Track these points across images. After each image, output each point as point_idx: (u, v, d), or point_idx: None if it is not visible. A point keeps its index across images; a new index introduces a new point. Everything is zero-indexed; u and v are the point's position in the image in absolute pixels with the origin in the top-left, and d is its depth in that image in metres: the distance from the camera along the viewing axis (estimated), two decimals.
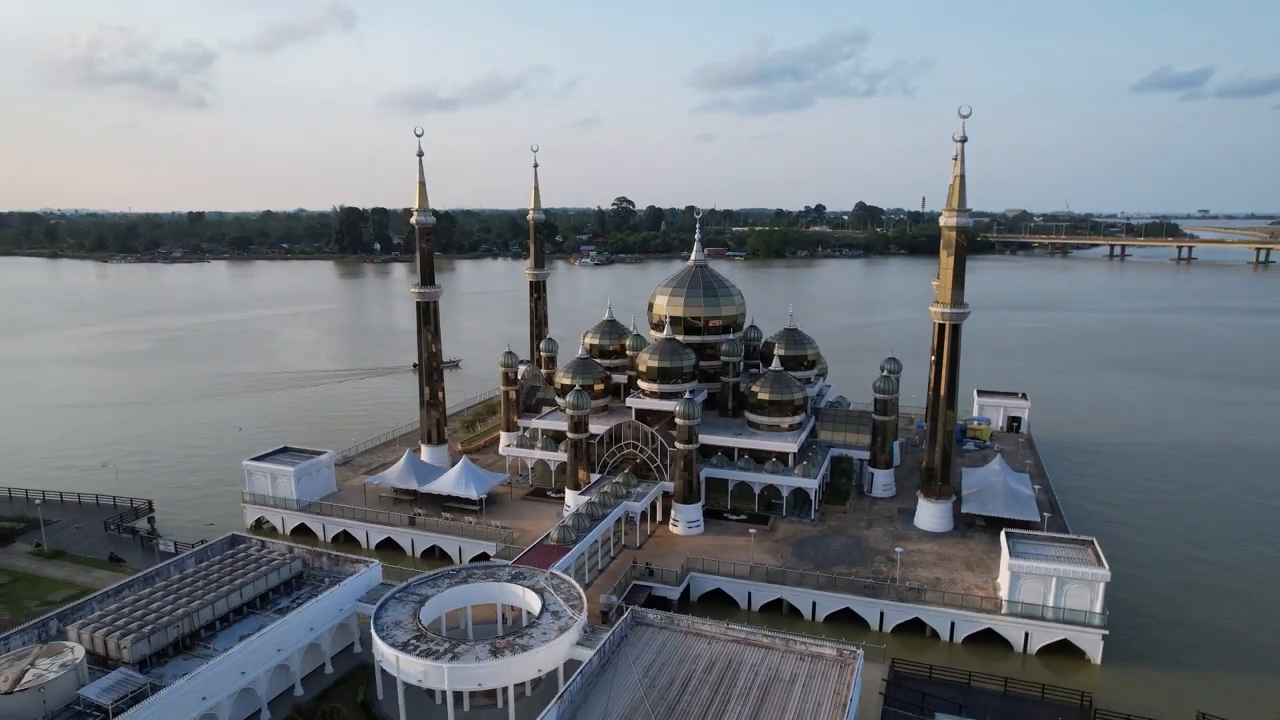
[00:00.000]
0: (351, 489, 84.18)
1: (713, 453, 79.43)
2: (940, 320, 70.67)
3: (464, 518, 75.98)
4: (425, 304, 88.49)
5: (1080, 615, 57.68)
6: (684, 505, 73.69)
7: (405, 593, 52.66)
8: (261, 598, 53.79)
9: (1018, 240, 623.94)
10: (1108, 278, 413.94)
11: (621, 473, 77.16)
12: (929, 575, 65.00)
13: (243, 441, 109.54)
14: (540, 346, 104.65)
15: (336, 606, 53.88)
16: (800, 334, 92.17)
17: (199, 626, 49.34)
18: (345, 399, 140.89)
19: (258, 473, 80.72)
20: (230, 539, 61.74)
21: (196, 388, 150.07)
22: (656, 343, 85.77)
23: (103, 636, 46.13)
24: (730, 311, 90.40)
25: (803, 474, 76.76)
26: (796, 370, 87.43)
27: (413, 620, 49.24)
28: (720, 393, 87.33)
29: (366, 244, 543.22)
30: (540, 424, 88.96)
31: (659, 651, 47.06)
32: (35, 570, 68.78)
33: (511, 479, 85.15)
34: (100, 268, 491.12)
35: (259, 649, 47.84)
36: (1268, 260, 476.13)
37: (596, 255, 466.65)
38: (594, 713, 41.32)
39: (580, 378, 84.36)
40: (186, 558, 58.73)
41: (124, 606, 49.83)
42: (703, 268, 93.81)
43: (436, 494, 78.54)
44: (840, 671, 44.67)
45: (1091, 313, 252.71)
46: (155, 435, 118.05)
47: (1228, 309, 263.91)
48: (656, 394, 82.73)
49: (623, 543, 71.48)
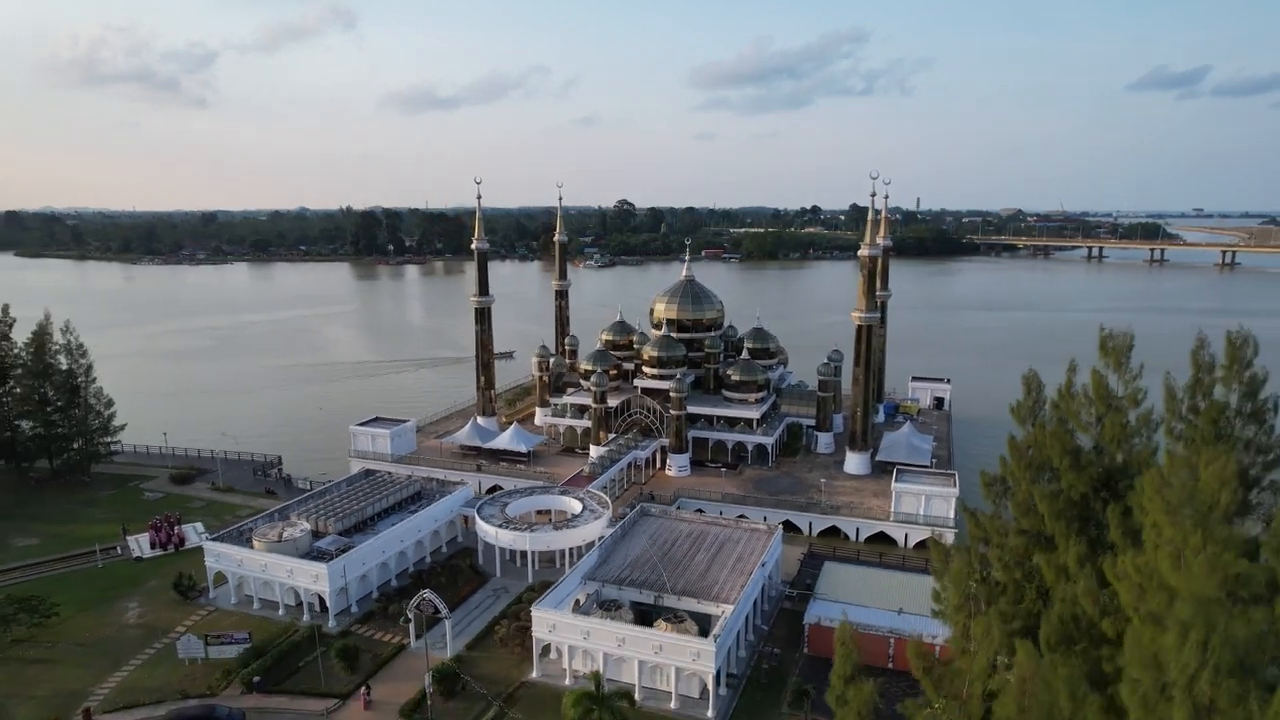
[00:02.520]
0: (427, 448, 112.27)
1: (698, 419, 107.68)
2: (858, 323, 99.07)
3: (516, 466, 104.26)
4: (481, 309, 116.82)
5: (940, 520, 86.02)
6: (676, 455, 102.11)
7: (494, 500, 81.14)
8: (398, 504, 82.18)
9: (1002, 242, 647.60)
10: (1079, 280, 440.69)
11: (630, 433, 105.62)
12: (846, 500, 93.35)
13: (324, 418, 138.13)
14: (565, 342, 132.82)
15: (447, 509, 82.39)
16: (765, 332, 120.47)
17: (367, 516, 77.83)
18: (394, 386, 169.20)
19: (361, 435, 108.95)
20: (365, 472, 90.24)
21: (267, 378, 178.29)
22: (656, 338, 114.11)
23: (315, 519, 74.57)
24: (712, 315, 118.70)
25: (763, 434, 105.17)
26: (762, 359, 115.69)
27: (501, 514, 77.68)
28: (704, 375, 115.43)
29: (380, 246, 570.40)
30: (568, 400, 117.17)
31: (657, 528, 75.46)
32: (218, 499, 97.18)
33: (548, 440, 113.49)
34: (126, 269, 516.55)
35: (406, 528, 76.38)
36: (1233, 263, 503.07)
37: (600, 258, 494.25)
38: (618, 555, 69.71)
39: (599, 365, 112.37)
40: (338, 483, 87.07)
41: (320, 505, 78.29)
42: (692, 280, 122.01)
43: (494, 449, 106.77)
44: (766, 536, 73.14)
45: (1045, 313, 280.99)
46: (253, 415, 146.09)
47: (1162, 309, 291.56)
48: (656, 376, 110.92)
49: (632, 480, 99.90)
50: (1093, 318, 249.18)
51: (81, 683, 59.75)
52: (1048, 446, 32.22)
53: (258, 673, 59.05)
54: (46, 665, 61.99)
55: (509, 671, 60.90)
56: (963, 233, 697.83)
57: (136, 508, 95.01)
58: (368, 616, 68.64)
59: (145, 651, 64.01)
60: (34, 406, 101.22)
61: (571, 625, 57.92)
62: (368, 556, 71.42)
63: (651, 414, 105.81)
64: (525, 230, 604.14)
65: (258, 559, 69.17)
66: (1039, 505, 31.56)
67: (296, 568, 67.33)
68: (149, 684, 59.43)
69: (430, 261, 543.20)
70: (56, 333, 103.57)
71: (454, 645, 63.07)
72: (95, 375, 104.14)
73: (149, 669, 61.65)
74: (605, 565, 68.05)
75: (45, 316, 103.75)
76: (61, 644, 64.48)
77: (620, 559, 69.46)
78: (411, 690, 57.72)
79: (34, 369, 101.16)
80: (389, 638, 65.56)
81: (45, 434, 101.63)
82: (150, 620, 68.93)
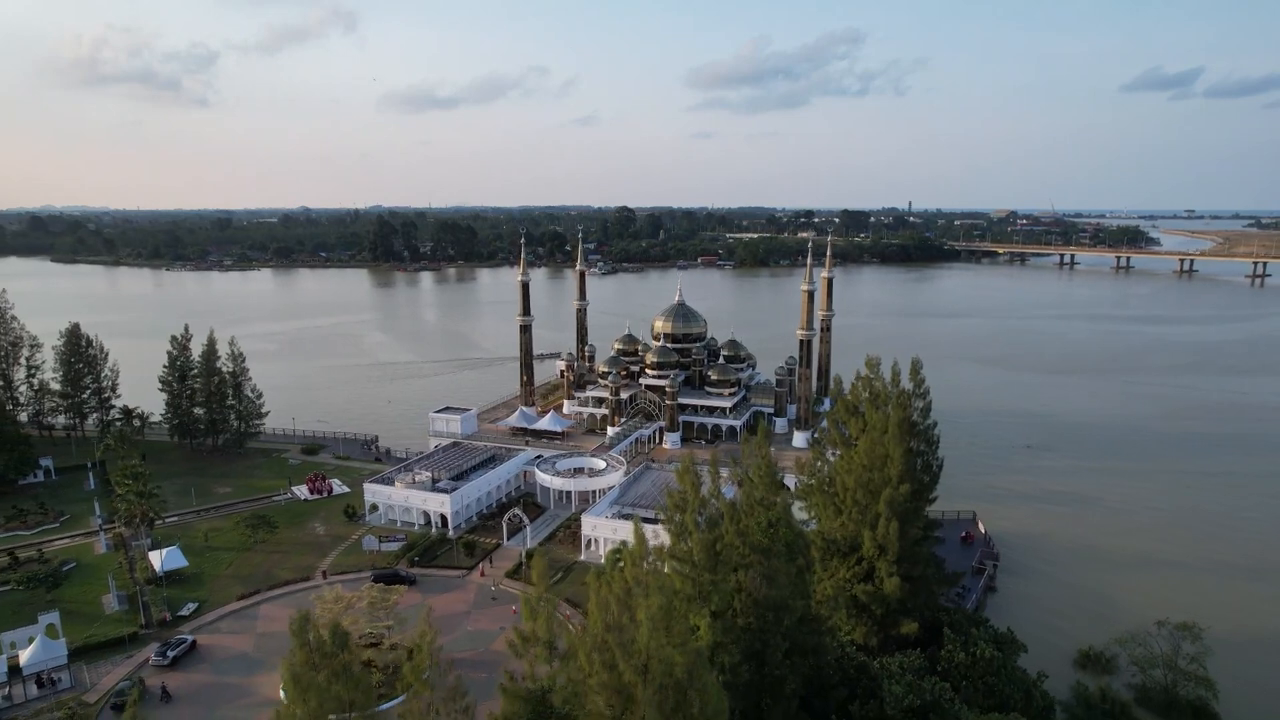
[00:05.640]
0: (485, 430, 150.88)
1: (686, 407, 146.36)
2: (800, 338, 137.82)
3: (553, 441, 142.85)
4: (524, 326, 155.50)
5: None
6: (670, 433, 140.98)
7: (548, 460, 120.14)
8: (481, 464, 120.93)
9: (983, 248, 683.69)
10: (1044, 287, 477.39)
11: (637, 417, 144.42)
12: (787, 465, 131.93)
13: (393, 409, 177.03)
14: (584, 349, 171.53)
15: (518, 464, 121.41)
16: (737, 342, 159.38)
17: (463, 470, 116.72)
18: (440, 384, 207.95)
19: (438, 419, 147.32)
20: (454, 443, 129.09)
21: (334, 376, 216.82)
22: (656, 348, 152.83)
23: (429, 471, 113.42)
24: (698, 329, 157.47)
25: (734, 418, 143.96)
26: (734, 363, 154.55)
27: (553, 469, 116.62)
28: (692, 375, 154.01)
29: (396, 253, 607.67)
30: (589, 394, 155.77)
31: (658, 476, 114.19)
32: (340, 465, 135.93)
33: (575, 424, 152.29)
34: (158, 275, 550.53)
35: (492, 475, 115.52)
36: (1191, 269, 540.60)
37: (603, 266, 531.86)
38: (630, 493, 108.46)
39: (613, 367, 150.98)
40: (437, 451, 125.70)
41: (430, 463, 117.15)
42: (682, 304, 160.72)
43: (537, 429, 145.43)
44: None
45: (989, 319, 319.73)
46: (337, 406, 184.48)
47: (1107, 316, 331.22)
48: (656, 376, 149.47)
49: (638, 451, 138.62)
50: (1024, 324, 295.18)
51: (308, 562, 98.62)
52: (855, 397, 71.14)
53: (416, 555, 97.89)
54: (283, 554, 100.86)
55: (565, 555, 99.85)
56: (953, 235, 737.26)
57: (284, 470, 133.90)
58: (472, 529, 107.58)
59: (339, 547, 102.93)
60: (205, 399, 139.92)
61: (606, 524, 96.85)
62: (469, 493, 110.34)
63: (653, 403, 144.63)
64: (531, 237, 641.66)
65: (400, 493, 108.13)
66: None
67: (429, 497, 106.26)
68: (349, 563, 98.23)
69: (444, 268, 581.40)
70: (223, 344, 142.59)
71: (531, 541, 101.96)
72: (251, 375, 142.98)
73: (345, 555, 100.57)
74: (622, 498, 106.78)
75: (211, 331, 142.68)
76: (286, 544, 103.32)
77: (632, 495, 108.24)
78: (507, 565, 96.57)
79: (205, 371, 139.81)
80: (488, 540, 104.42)
81: (213, 418, 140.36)
82: (333, 532, 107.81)
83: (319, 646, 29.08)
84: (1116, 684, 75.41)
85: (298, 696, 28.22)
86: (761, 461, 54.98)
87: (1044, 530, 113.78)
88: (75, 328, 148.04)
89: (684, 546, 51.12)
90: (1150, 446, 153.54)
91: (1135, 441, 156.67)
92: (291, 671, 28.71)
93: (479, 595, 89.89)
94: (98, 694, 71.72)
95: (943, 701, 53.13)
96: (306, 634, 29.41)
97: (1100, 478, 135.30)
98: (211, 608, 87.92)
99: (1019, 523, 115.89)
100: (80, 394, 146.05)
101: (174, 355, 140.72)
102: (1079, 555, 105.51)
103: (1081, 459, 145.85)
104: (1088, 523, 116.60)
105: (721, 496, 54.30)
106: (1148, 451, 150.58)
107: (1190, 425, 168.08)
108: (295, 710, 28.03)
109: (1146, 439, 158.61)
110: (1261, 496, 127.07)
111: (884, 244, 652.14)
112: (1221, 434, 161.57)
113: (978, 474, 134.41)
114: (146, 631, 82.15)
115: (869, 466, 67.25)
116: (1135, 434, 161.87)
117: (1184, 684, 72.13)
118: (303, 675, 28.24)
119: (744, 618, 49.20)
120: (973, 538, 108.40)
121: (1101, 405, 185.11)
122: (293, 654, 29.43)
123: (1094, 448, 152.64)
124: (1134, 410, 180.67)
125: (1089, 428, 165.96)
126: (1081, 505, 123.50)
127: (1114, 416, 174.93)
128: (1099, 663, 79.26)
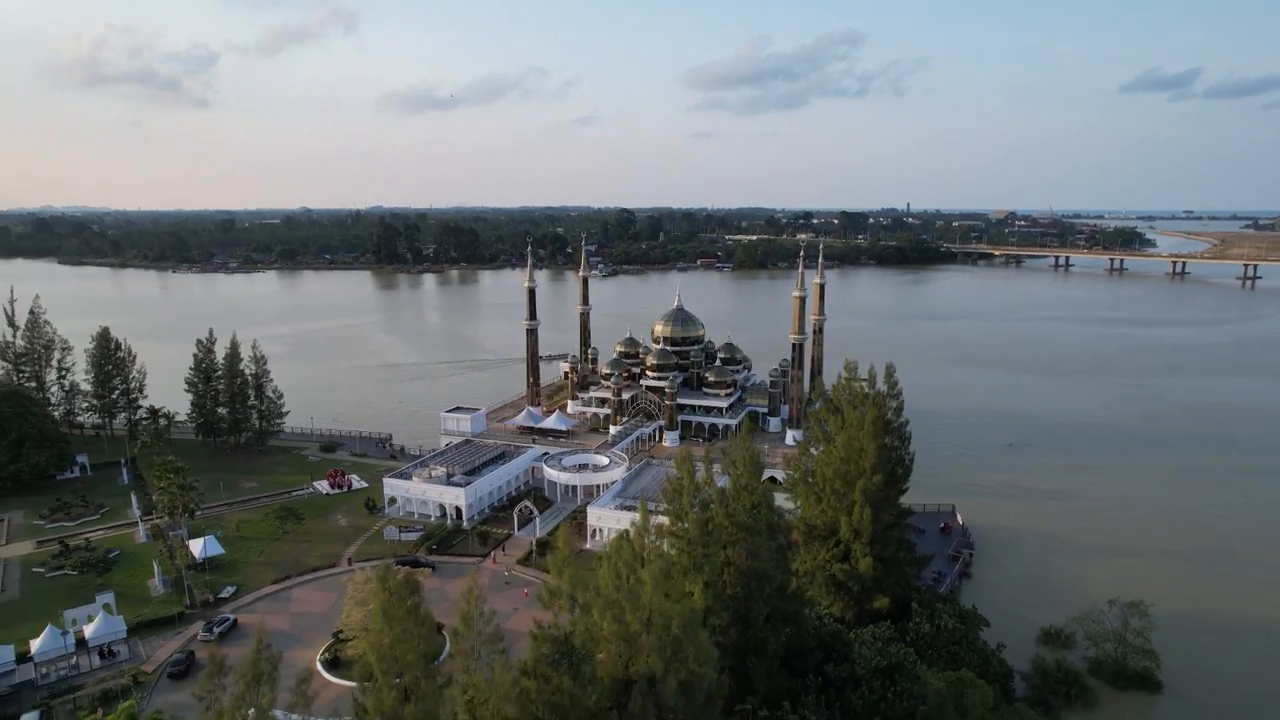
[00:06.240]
0: (494, 428, 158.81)
1: (685, 407, 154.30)
2: (793, 341, 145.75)
3: (558, 440, 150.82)
4: (531, 329, 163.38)
5: None
6: (669, 431, 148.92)
7: (555, 456, 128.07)
8: (492, 460, 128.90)
9: (979, 251, 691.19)
10: (1037, 289, 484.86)
11: (638, 416, 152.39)
12: (777, 460, 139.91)
13: (404, 409, 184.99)
14: (587, 352, 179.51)
15: (527, 460, 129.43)
16: (733, 345, 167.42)
17: (476, 466, 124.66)
18: (446, 384, 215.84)
19: (449, 418, 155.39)
20: (466, 440, 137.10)
21: (344, 377, 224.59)
22: (656, 350, 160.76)
23: (444, 466, 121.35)
24: (696, 333, 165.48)
25: (730, 417, 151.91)
26: (730, 365, 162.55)
27: (560, 465, 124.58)
28: (690, 376, 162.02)
29: (400, 255, 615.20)
30: (592, 394, 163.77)
31: (658, 471, 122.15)
32: (359, 461, 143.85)
33: (579, 423, 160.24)
34: (164, 278, 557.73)
35: (504, 470, 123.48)
36: (1183, 272, 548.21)
37: (604, 268, 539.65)
38: (632, 488, 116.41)
39: (616, 368, 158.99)
40: (450, 448, 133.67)
41: (444, 459, 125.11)
42: (681, 309, 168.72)
43: (543, 428, 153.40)
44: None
45: (977, 321, 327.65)
46: (349, 406, 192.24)
47: (1099, 319, 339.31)
48: (656, 377, 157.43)
49: (639, 448, 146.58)
50: (1017, 327, 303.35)
51: (334, 550, 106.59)
52: (837, 398, 79.13)
53: (434, 544, 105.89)
54: (310, 543, 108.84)
55: (572, 544, 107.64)
56: (951, 237, 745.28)
57: (305, 466, 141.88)
58: (485, 520, 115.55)
59: (362, 537, 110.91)
60: (229, 399, 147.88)
61: (609, 515, 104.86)
62: (481, 486, 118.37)
63: (653, 403, 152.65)
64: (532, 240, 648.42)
65: (417, 487, 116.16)
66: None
67: (445, 490, 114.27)
68: (372, 551, 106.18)
69: (446, 270, 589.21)
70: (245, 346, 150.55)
71: (540, 531, 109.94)
72: (272, 377, 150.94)
73: (368, 544, 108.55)
74: (624, 492, 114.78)
75: (233, 335, 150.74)
76: (313, 534, 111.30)
77: (633, 489, 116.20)
78: (518, 553, 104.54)
79: (229, 372, 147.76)
80: (500, 530, 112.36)
81: (236, 418, 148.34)
82: (355, 524, 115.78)
83: (397, 590, 36.91)
84: (1073, 657, 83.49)
85: (385, 626, 36.10)
86: (746, 453, 62.79)
87: (1018, 522, 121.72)
88: (105, 331, 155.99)
89: (681, 525, 59.03)
90: (1128, 445, 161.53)
91: (1114, 441, 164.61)
92: (381, 606, 36.54)
93: (493, 580, 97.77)
94: (154, 664, 79.72)
95: (906, 663, 60.95)
96: (389, 579, 37.34)
97: (1076, 475, 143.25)
98: (248, 590, 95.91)
99: (995, 516, 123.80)
100: (110, 394, 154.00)
101: (199, 357, 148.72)
102: (1049, 545, 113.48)
103: (1060, 457, 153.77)
104: (1060, 516, 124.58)
105: (713, 483, 62.18)
106: (1125, 450, 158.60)
107: (1168, 425, 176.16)
108: (383, 640, 35.86)
109: (1125, 438, 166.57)
110: (1226, 492, 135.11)
111: (881, 246, 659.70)
112: (1198, 433, 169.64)
113: (960, 470, 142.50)
114: (191, 611, 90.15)
115: (846, 459, 75.13)
116: (1115, 433, 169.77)
117: (1132, 656, 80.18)
118: (390, 607, 36.09)
119: (731, 587, 57.12)
120: (951, 528, 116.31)
121: (1086, 405, 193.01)
122: (377, 594, 37.37)
123: (1074, 447, 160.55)
124: (1116, 411, 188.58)
125: (1071, 427, 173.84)
126: (1056, 500, 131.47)
127: (1096, 416, 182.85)
128: (1059, 639, 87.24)
